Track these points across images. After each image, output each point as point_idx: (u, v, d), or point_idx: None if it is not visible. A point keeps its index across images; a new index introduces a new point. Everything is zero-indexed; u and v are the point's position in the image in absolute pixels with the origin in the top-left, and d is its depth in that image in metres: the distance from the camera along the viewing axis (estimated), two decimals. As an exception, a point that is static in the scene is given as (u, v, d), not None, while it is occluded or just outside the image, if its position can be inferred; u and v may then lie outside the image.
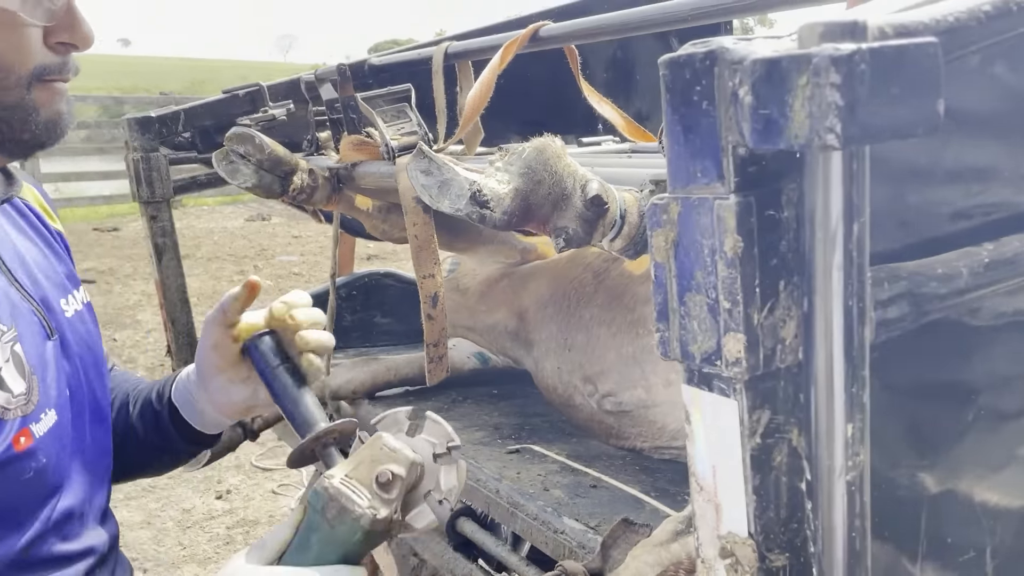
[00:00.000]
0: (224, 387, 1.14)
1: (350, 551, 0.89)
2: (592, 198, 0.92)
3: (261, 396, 1.13)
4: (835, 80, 0.45)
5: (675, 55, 0.54)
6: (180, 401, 1.20)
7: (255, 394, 1.14)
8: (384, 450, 0.92)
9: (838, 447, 0.55)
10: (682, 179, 0.56)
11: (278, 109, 2.11)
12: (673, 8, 1.41)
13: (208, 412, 1.19)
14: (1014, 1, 0.56)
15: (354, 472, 0.91)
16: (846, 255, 0.53)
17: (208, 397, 1.17)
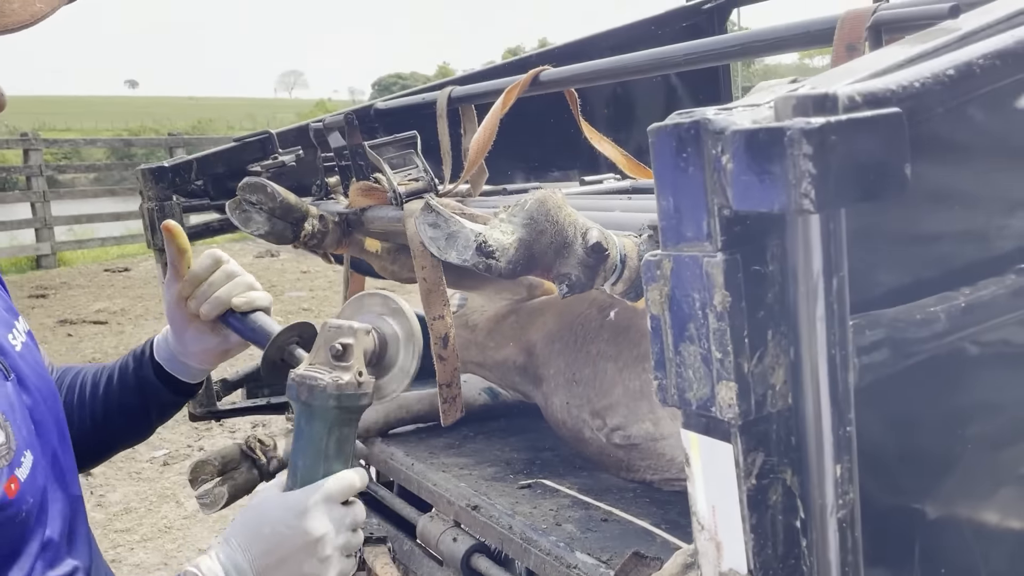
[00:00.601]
0: (196, 337, 1.28)
1: (335, 424, 1.02)
2: (593, 245, 0.96)
3: (232, 339, 1.28)
4: (807, 151, 0.49)
5: (662, 124, 0.59)
6: (164, 358, 1.31)
7: (226, 338, 1.28)
8: (332, 330, 1.04)
9: (829, 486, 0.59)
10: (673, 238, 0.60)
11: (288, 155, 2.17)
12: (668, 53, 1.47)
13: (191, 363, 1.31)
14: (976, 64, 0.60)
15: (314, 359, 1.04)
16: (827, 307, 0.56)
17: (185, 350, 1.30)
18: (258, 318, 1.24)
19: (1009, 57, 0.63)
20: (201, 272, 1.25)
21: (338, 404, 1.01)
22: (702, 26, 2.69)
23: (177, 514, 4.12)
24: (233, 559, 0.99)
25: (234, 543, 1.01)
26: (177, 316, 1.27)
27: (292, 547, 0.99)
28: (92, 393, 1.34)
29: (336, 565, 1.02)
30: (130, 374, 1.33)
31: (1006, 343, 0.73)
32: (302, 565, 0.99)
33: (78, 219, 11.72)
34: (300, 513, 1.00)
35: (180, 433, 5.03)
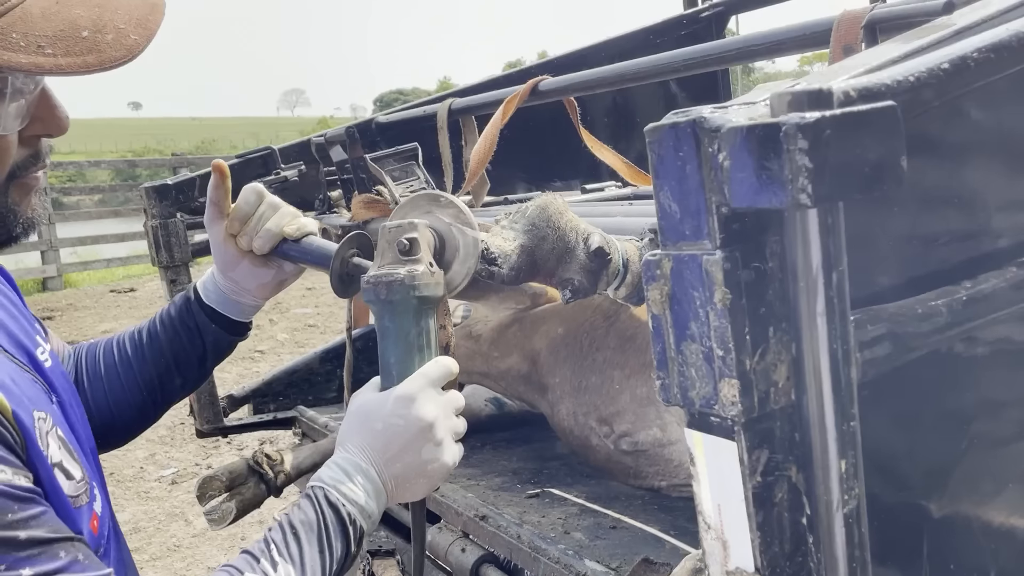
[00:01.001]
0: (250, 272, 1.26)
1: (418, 315, 1.02)
2: (595, 250, 0.97)
3: (287, 268, 1.28)
4: (803, 146, 0.50)
5: (659, 124, 0.59)
6: (216, 300, 1.30)
7: (280, 268, 1.27)
8: (392, 231, 1.03)
9: (834, 482, 0.59)
10: (672, 237, 0.60)
11: (290, 170, 2.18)
12: (666, 59, 1.47)
13: (244, 300, 1.30)
14: (970, 58, 0.61)
15: (382, 260, 1.03)
16: (828, 302, 0.57)
17: (238, 287, 1.28)
18: (312, 241, 1.24)
19: (1004, 51, 0.63)
20: (248, 207, 1.22)
21: (418, 294, 1.00)
22: (700, 34, 2.70)
23: (186, 532, 4.11)
24: (352, 462, 0.99)
25: (349, 447, 1.00)
26: (227, 255, 1.25)
27: (409, 436, 0.99)
28: (137, 356, 1.31)
29: (451, 448, 1.04)
30: (178, 325, 1.30)
31: (1007, 337, 0.73)
32: (420, 452, 1.00)
33: (83, 241, 11.77)
34: (409, 401, 1.00)
35: (188, 452, 5.03)
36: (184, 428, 5.33)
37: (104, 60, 0.86)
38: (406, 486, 1.02)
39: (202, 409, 2.30)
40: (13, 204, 0.96)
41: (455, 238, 1.08)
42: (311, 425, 2.25)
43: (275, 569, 0.90)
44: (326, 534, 0.94)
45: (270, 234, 1.22)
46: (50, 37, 0.83)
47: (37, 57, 0.82)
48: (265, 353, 7.06)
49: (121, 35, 0.87)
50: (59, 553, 0.80)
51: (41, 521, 0.81)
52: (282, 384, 2.46)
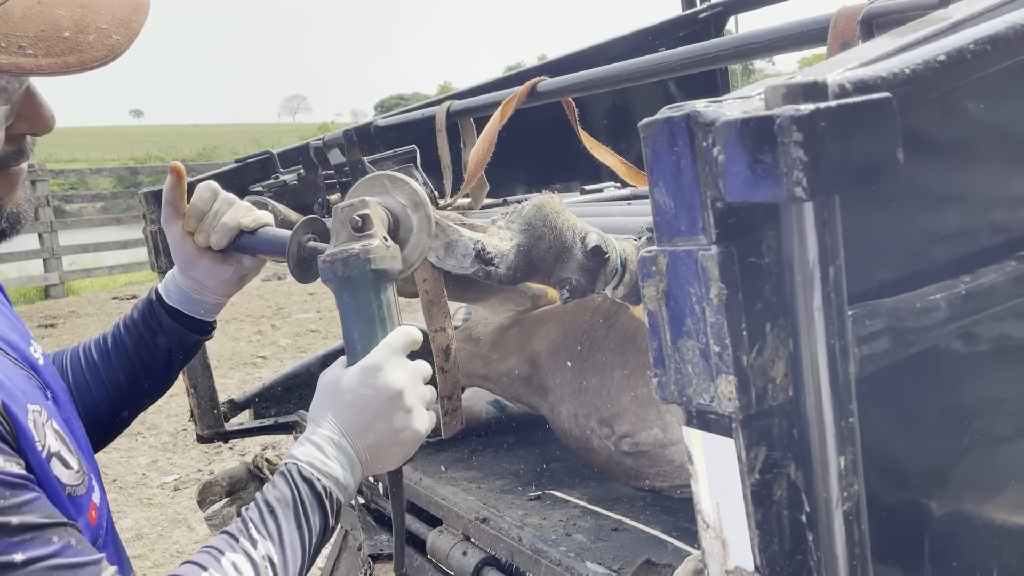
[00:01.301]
0: (210, 269, 1.27)
1: (377, 289, 1.04)
2: (592, 249, 0.96)
3: (246, 263, 1.29)
4: (798, 138, 0.49)
5: (653, 119, 0.58)
6: (177, 301, 1.31)
7: (240, 264, 1.29)
8: (344, 210, 1.05)
9: (833, 479, 0.58)
10: (667, 233, 0.60)
11: (289, 175, 2.18)
12: (665, 58, 1.47)
13: (206, 298, 1.31)
14: (967, 49, 0.60)
15: (336, 240, 1.05)
16: (824, 296, 0.56)
17: (200, 286, 1.29)
18: (268, 231, 1.25)
19: (1000, 42, 0.63)
20: (203, 204, 1.24)
21: (374, 267, 1.02)
22: (699, 35, 2.69)
23: (189, 539, 4.11)
24: (323, 435, 0.99)
25: (320, 421, 1.00)
26: (186, 252, 1.26)
27: (378, 404, 1.00)
28: (103, 362, 1.32)
29: (421, 415, 1.04)
30: (142, 328, 1.31)
31: (1007, 331, 0.72)
32: (392, 420, 1.01)
33: (86, 248, 11.78)
34: (376, 370, 1.01)
35: (190, 458, 5.03)
36: (186, 434, 5.33)
37: (85, 60, 0.86)
38: (380, 456, 1.02)
39: (203, 414, 2.30)
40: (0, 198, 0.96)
41: (408, 216, 1.10)
42: (312, 429, 2.25)
43: (254, 547, 0.90)
44: (303, 509, 0.94)
45: (226, 228, 1.23)
46: (31, 38, 0.83)
47: (18, 58, 0.82)
48: (267, 359, 7.05)
49: (103, 35, 0.87)
50: (52, 538, 0.81)
51: (34, 507, 0.81)
52: (283, 388, 2.46)
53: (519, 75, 2.35)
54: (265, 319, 8.87)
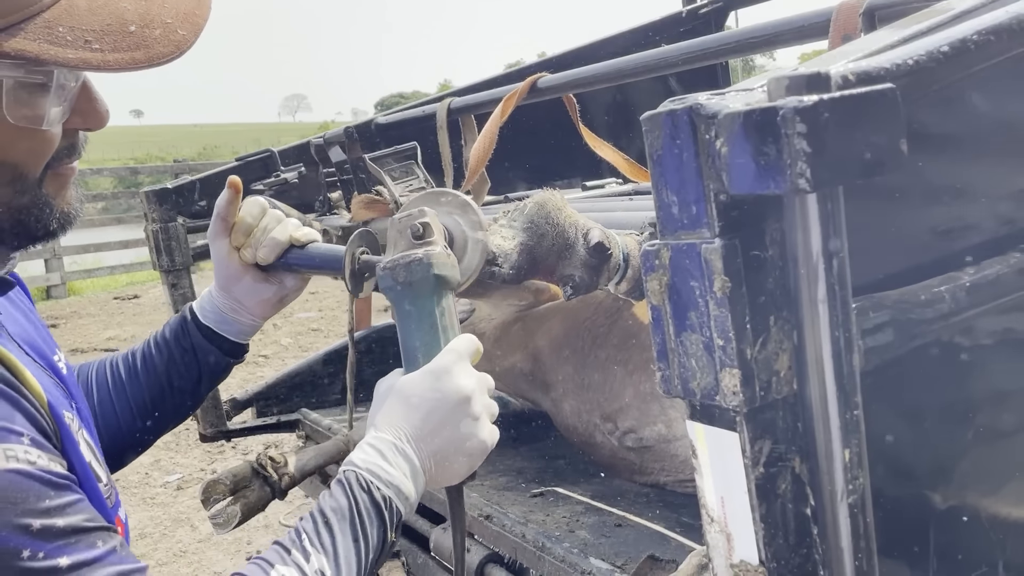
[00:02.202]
0: (251, 288, 1.24)
1: (439, 295, 0.99)
2: (595, 245, 0.96)
3: (288, 284, 1.26)
4: (801, 129, 0.49)
5: (655, 112, 0.58)
6: (213, 320, 1.27)
7: (282, 284, 1.26)
8: (403, 220, 1.01)
9: (838, 472, 0.58)
10: (670, 226, 0.60)
11: (290, 173, 2.18)
12: (665, 53, 1.47)
13: (243, 318, 1.27)
14: (970, 40, 0.60)
15: (394, 250, 1.01)
16: (828, 289, 0.56)
17: (239, 305, 1.26)
18: (318, 246, 1.22)
19: (1004, 33, 0.62)
20: (252, 220, 1.20)
21: (437, 272, 0.98)
22: (699, 31, 2.69)
23: (192, 538, 4.11)
24: (384, 440, 0.93)
25: (381, 425, 0.95)
26: (230, 269, 1.23)
27: (447, 409, 0.94)
28: (131, 379, 1.28)
29: (487, 425, 0.98)
30: (173, 346, 1.27)
31: (1011, 323, 0.72)
32: (459, 426, 0.95)
33: (87, 248, 11.78)
34: (444, 373, 0.95)
35: (193, 457, 5.03)
36: (189, 434, 5.33)
37: (152, 56, 0.83)
38: (445, 465, 0.96)
39: (205, 413, 2.30)
40: (49, 196, 0.93)
41: (463, 235, 1.07)
42: (315, 427, 2.25)
43: (307, 560, 0.85)
44: (360, 521, 0.89)
45: (275, 242, 1.20)
46: (97, 32, 0.80)
47: (84, 52, 0.79)
48: (269, 358, 7.05)
49: (169, 30, 0.84)
50: (96, 542, 0.78)
51: (78, 508, 0.78)
52: (285, 387, 2.46)
53: (520, 72, 2.34)
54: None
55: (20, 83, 0.81)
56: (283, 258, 1.21)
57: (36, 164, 0.89)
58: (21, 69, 0.80)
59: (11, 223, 0.91)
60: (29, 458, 0.76)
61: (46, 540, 0.74)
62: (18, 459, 0.75)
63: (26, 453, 0.76)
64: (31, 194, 0.90)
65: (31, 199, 0.90)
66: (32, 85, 0.82)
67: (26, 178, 0.89)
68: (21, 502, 0.73)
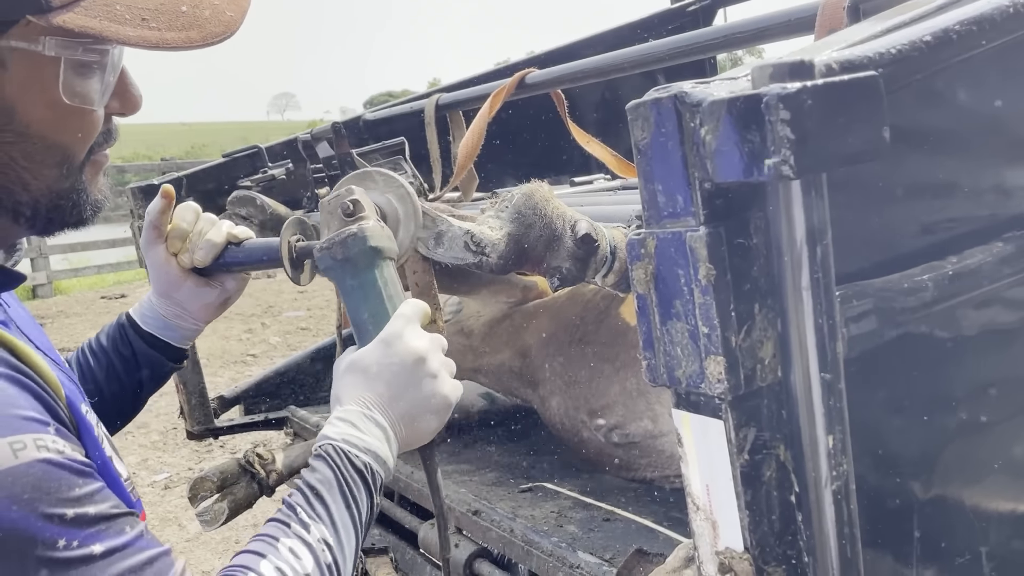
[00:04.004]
0: (193, 292, 1.24)
1: (379, 267, 1.02)
2: (582, 237, 0.96)
3: (229, 285, 1.26)
4: (785, 116, 0.49)
5: (640, 101, 0.58)
6: (156, 327, 1.26)
7: (223, 287, 1.26)
8: (332, 201, 1.04)
9: (822, 459, 0.58)
10: (655, 215, 0.60)
11: (277, 169, 2.17)
12: (652, 49, 1.47)
13: (186, 324, 1.27)
14: (952, 30, 0.60)
15: (327, 231, 1.04)
16: (812, 276, 0.56)
17: (181, 311, 1.26)
18: (254, 242, 1.23)
19: (986, 23, 0.63)
20: (186, 224, 1.21)
21: (373, 243, 1.01)
22: (688, 28, 2.69)
23: (180, 537, 4.09)
24: (353, 412, 0.95)
25: (345, 400, 0.97)
26: (169, 276, 1.23)
27: (406, 372, 0.97)
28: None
29: (448, 380, 1.00)
30: (112, 354, 1.27)
31: (993, 311, 0.72)
32: (420, 386, 0.97)
33: (73, 247, 11.70)
34: (396, 338, 0.98)
35: (181, 456, 5.01)
36: (176, 433, 5.31)
37: (207, 36, 0.84)
38: (414, 425, 0.99)
39: (193, 411, 2.29)
40: (86, 183, 0.94)
41: (394, 208, 1.09)
42: (303, 425, 2.24)
43: (307, 531, 0.87)
44: (347, 487, 0.91)
45: (211, 244, 1.20)
46: (152, 11, 0.81)
47: (143, 30, 0.80)
48: (257, 357, 7.03)
49: (217, 11, 0.85)
50: (124, 528, 0.78)
51: (104, 496, 0.79)
52: (273, 384, 2.45)
53: (508, 68, 2.34)
54: (255, 317, 8.84)
55: (76, 62, 0.82)
56: (221, 258, 1.22)
57: (82, 147, 0.90)
58: (80, 47, 0.81)
59: (49, 207, 0.91)
60: (57, 447, 0.76)
61: (80, 528, 0.74)
62: (48, 448, 0.74)
63: (54, 443, 0.76)
64: (73, 179, 0.91)
65: (72, 184, 0.91)
66: (86, 64, 0.83)
67: (72, 161, 0.90)
68: (55, 491, 0.73)
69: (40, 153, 0.86)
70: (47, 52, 0.80)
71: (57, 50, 0.80)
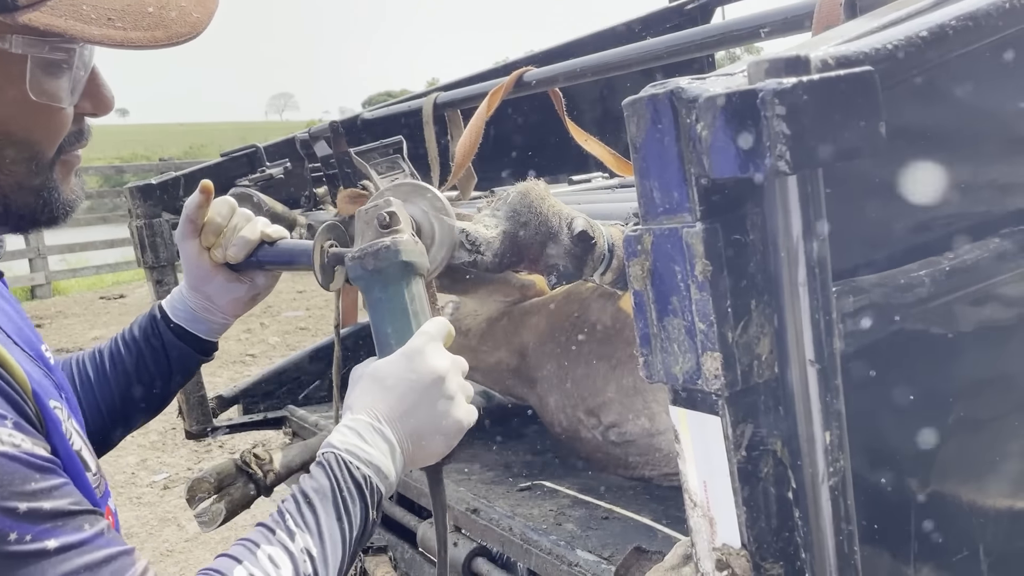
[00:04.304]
0: (223, 287, 1.25)
1: (408, 281, 1.02)
2: (579, 234, 0.96)
3: (260, 282, 1.28)
4: (780, 111, 0.49)
5: (636, 97, 0.58)
6: (185, 319, 1.28)
7: (254, 283, 1.27)
8: (370, 211, 1.04)
9: (819, 455, 0.58)
10: (652, 211, 0.60)
11: (275, 168, 2.17)
12: (650, 47, 1.47)
13: (215, 317, 1.29)
14: (949, 26, 0.60)
15: (361, 240, 1.04)
16: (809, 272, 0.56)
17: (211, 304, 1.27)
18: (287, 242, 1.24)
19: (982, 19, 0.63)
20: (221, 219, 1.22)
21: (405, 258, 1.00)
22: (686, 27, 2.69)
23: (179, 537, 4.09)
24: (362, 422, 0.95)
25: (358, 408, 0.97)
26: (201, 269, 1.24)
27: (422, 388, 0.96)
28: (99, 378, 1.28)
29: (463, 405, 1.00)
30: (143, 345, 1.28)
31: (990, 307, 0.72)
32: (435, 404, 0.97)
33: (72, 248, 11.70)
34: (418, 354, 0.97)
35: (180, 456, 5.01)
36: (175, 433, 5.31)
37: (172, 35, 0.86)
38: (422, 444, 0.98)
39: (191, 410, 2.29)
40: (57, 181, 0.95)
41: (431, 224, 1.08)
42: (301, 424, 2.24)
43: (292, 539, 0.87)
44: (341, 499, 0.90)
45: (245, 241, 1.21)
46: (118, 11, 0.83)
47: (108, 30, 0.82)
48: (256, 357, 7.03)
49: (184, 12, 0.88)
50: (83, 525, 0.78)
51: (64, 492, 0.79)
52: (271, 384, 2.45)
53: (506, 67, 2.34)
54: (254, 317, 8.83)
55: (43, 60, 0.84)
56: (253, 256, 1.23)
57: (51, 144, 0.92)
58: (46, 45, 0.83)
59: (20, 204, 0.92)
60: (13, 441, 0.76)
61: (33, 523, 0.74)
62: (2, 442, 0.75)
63: (10, 436, 0.76)
64: (43, 176, 0.92)
65: (42, 181, 0.92)
66: (54, 62, 0.85)
67: (41, 158, 0.91)
68: (7, 484, 0.73)
69: (7, 148, 0.88)
70: (14, 50, 0.82)
71: (24, 48, 0.83)
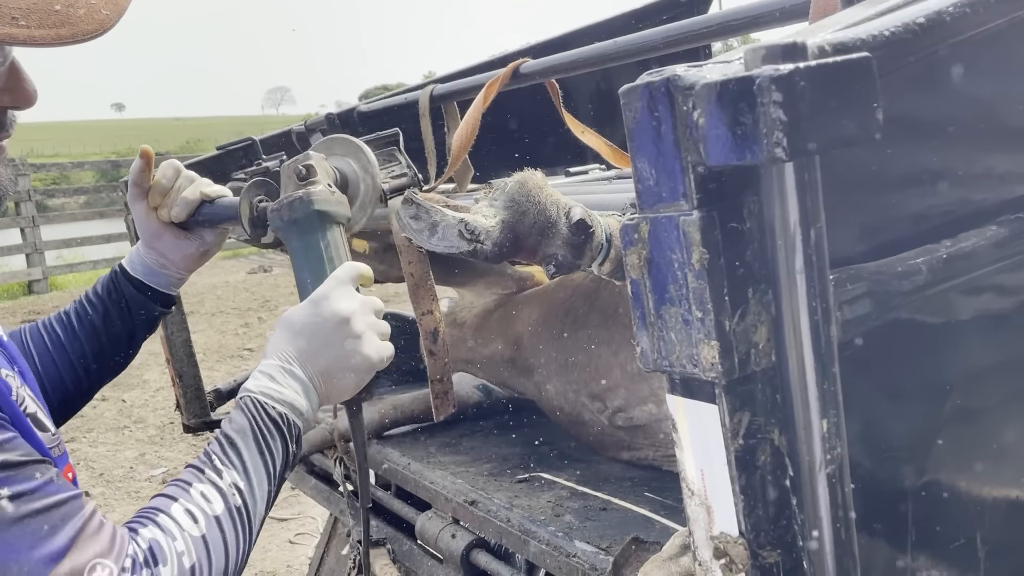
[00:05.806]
0: (173, 244, 1.35)
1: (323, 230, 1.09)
2: (576, 223, 0.96)
3: (208, 238, 1.37)
4: (777, 98, 0.49)
5: (632, 85, 0.58)
6: (143, 273, 1.38)
7: (203, 240, 1.37)
8: (290, 164, 1.12)
9: (816, 443, 0.58)
10: (649, 200, 0.60)
11: (271, 161, 2.16)
12: (647, 37, 1.47)
13: (170, 272, 1.38)
14: (946, 12, 0.60)
15: (283, 192, 1.12)
16: (806, 260, 0.56)
17: (164, 260, 1.37)
18: (224, 200, 1.32)
19: (980, 5, 0.63)
20: (166, 181, 1.31)
21: (318, 207, 1.08)
22: (682, 17, 2.68)
23: (178, 531, 4.09)
24: (274, 365, 1.03)
25: (270, 354, 1.05)
26: (150, 228, 1.33)
27: (327, 330, 1.04)
28: (69, 337, 1.36)
29: (372, 340, 1.07)
30: (107, 301, 1.37)
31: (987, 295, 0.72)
32: (342, 345, 1.04)
33: (68, 243, 11.68)
34: (323, 300, 1.05)
35: (178, 451, 5.01)
36: (173, 428, 5.31)
37: (76, 33, 0.89)
38: (334, 382, 1.06)
39: (189, 404, 2.29)
40: None
41: (357, 180, 1.15)
42: (299, 417, 2.24)
43: (220, 476, 0.94)
44: (262, 437, 0.98)
45: (186, 201, 1.29)
46: (23, 10, 0.86)
47: (11, 28, 0.85)
48: (254, 351, 7.03)
49: (93, 10, 0.90)
50: (34, 474, 0.83)
51: (13, 445, 0.84)
52: (269, 377, 2.44)
53: (502, 58, 2.33)
54: (251, 312, 8.83)
55: None
56: (196, 214, 1.31)
57: None
58: None
59: None
60: None
61: None
62: None
63: None
64: None
65: None
66: None
67: None
68: None
69: None
70: None
71: None
